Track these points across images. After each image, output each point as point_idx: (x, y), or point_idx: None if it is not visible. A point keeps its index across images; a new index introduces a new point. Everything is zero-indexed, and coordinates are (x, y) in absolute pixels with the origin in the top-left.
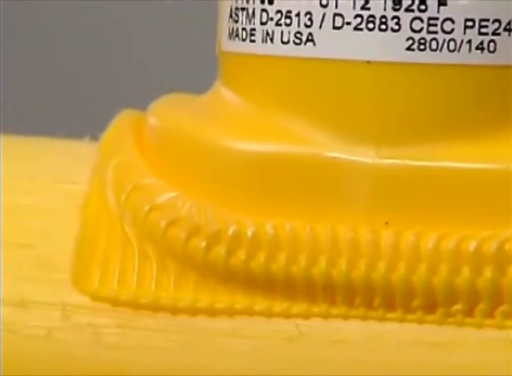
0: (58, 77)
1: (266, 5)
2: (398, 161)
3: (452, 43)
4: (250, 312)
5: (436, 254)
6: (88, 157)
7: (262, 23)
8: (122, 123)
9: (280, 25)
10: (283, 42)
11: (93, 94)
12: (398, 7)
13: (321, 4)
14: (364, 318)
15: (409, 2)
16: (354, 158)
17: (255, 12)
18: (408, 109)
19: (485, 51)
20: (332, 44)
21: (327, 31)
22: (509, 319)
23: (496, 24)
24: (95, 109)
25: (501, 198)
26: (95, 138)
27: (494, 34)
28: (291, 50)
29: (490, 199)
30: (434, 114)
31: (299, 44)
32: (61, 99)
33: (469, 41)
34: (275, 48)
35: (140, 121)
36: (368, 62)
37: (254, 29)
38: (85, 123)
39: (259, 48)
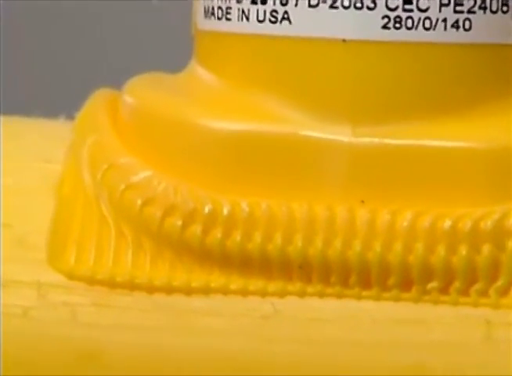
0: (32, 56)
1: None
2: (374, 140)
3: (427, 21)
4: (226, 291)
5: (412, 232)
6: (64, 136)
7: (238, 2)
8: (97, 102)
9: (256, 3)
10: (258, 21)
11: (68, 73)
12: None
13: None
14: (340, 296)
15: None
16: (330, 137)
17: None
18: (384, 87)
19: (461, 29)
20: (307, 22)
21: (303, 9)
22: (483, 296)
23: (471, 2)
24: (70, 88)
25: (476, 176)
26: (70, 117)
27: (469, 12)
28: (267, 28)
29: (465, 177)
30: (409, 93)
31: (275, 22)
32: (36, 79)
33: (444, 20)
34: (251, 27)
35: (115, 100)
36: (343, 40)
37: (229, 7)
38: (60, 102)
39: (235, 26)
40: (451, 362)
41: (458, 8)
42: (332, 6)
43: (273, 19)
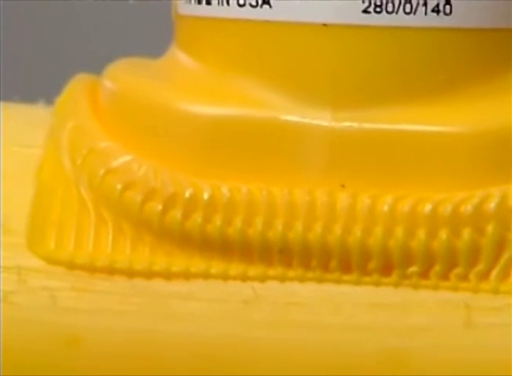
0: (11, 41)
1: None
2: (354, 124)
3: (408, 6)
4: (207, 275)
5: (392, 216)
6: (43, 120)
7: None
8: (77, 87)
9: None
10: (239, 5)
11: (48, 58)
12: None
13: None
14: (320, 280)
15: None
16: (310, 121)
17: None
18: (364, 72)
19: (441, 13)
20: (288, 6)
21: None
22: (463, 281)
23: None
24: (50, 73)
25: (456, 161)
26: (49, 102)
27: None
28: (247, 13)
29: (445, 162)
30: (390, 77)
31: (255, 6)
32: (15, 64)
33: (425, 4)
34: (232, 11)
35: (95, 84)
36: (324, 24)
37: None
38: (40, 87)
39: (215, 11)
40: (431, 346)
41: None
42: None
43: (254, 3)
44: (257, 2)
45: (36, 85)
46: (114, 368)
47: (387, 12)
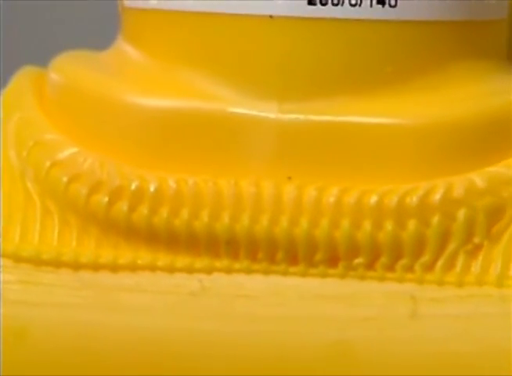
0: None
1: None
2: (301, 116)
3: None
4: (153, 268)
5: (338, 208)
6: None
7: None
8: (23, 79)
9: None
10: None
11: None
12: None
13: None
14: (267, 272)
15: None
16: (256, 113)
17: None
18: (310, 64)
19: (386, 5)
20: None
21: None
22: (409, 272)
23: None
24: None
25: (401, 153)
26: None
27: None
28: (194, 5)
29: (391, 153)
30: (336, 69)
31: None
32: None
33: None
34: (178, 3)
35: (41, 77)
36: (270, 16)
37: None
38: None
39: (161, 3)
40: (377, 337)
41: None
42: None
43: None
44: None
45: None
46: (62, 361)
47: (333, 4)
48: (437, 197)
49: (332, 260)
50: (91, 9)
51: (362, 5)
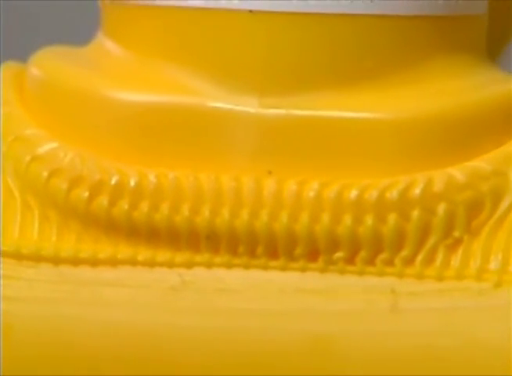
0: None
1: None
2: (281, 111)
3: None
4: (134, 262)
5: (318, 202)
6: None
7: None
8: (3, 74)
9: None
10: None
11: None
12: None
13: None
14: (247, 266)
15: None
16: (237, 108)
17: None
18: (290, 58)
19: (366, 0)
20: None
21: None
22: (388, 266)
23: None
24: None
25: (381, 147)
26: None
27: None
28: (173, 0)
29: (371, 148)
30: (316, 64)
31: None
32: None
33: None
34: None
35: (21, 72)
36: (250, 11)
37: None
38: None
39: None
40: (357, 331)
41: None
42: None
43: None
44: None
45: None
46: (43, 355)
47: None
48: (417, 191)
49: (312, 254)
50: (71, 5)
51: (342, 0)
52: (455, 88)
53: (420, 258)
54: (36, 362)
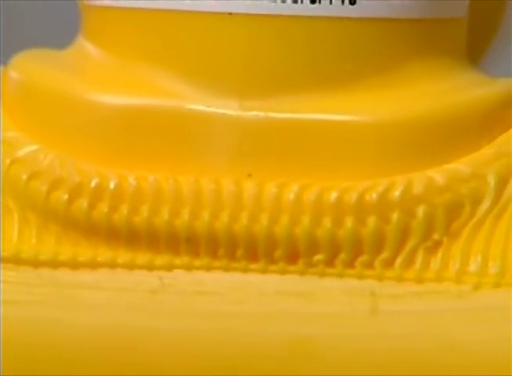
0: None
1: None
2: (261, 113)
3: None
4: (113, 265)
5: (298, 205)
6: None
7: None
8: None
9: None
10: None
11: None
12: None
13: None
14: (227, 269)
15: None
16: (217, 110)
17: None
18: (270, 61)
19: (346, 3)
20: None
21: None
22: (368, 268)
23: None
24: None
25: (361, 150)
26: None
27: None
28: (152, 2)
29: (351, 150)
30: (296, 67)
31: None
32: None
33: None
34: (138, 1)
35: (1, 75)
36: (230, 13)
37: None
38: None
39: (121, 1)
40: (337, 334)
41: None
42: None
43: None
44: None
45: None
46: (21, 358)
47: (293, 1)
48: (396, 193)
49: (292, 257)
50: (52, 8)
51: (322, 3)
52: (435, 91)
53: (399, 260)
54: (13, 364)
